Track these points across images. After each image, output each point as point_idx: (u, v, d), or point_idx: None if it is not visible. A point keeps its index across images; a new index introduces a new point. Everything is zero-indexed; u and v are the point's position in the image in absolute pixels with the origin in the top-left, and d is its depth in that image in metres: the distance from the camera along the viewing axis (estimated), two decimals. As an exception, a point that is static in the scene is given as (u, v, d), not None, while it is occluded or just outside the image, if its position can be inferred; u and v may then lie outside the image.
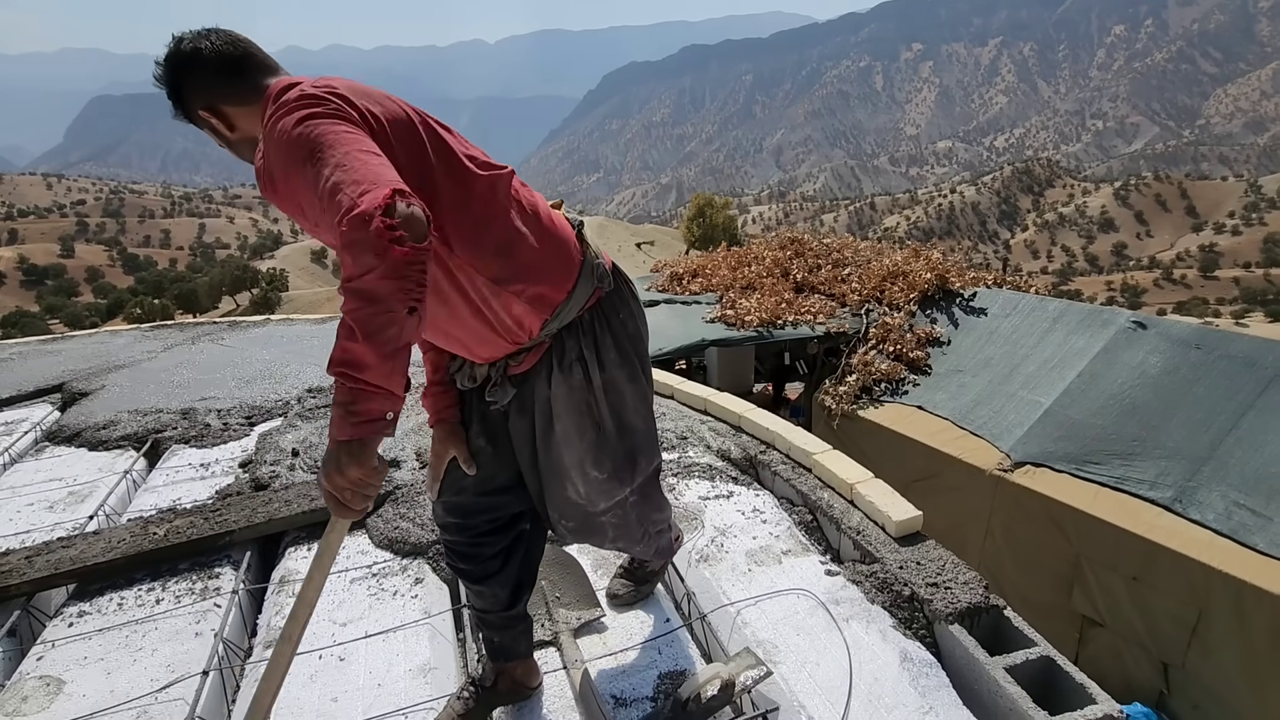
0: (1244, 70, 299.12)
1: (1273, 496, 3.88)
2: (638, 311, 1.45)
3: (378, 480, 0.98)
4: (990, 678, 1.54)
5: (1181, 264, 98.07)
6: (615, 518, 1.50)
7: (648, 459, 1.49)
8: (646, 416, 1.48)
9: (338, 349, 0.93)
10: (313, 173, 0.99)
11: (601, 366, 1.36)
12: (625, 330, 1.40)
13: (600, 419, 1.38)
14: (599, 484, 1.42)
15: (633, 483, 1.47)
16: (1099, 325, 5.41)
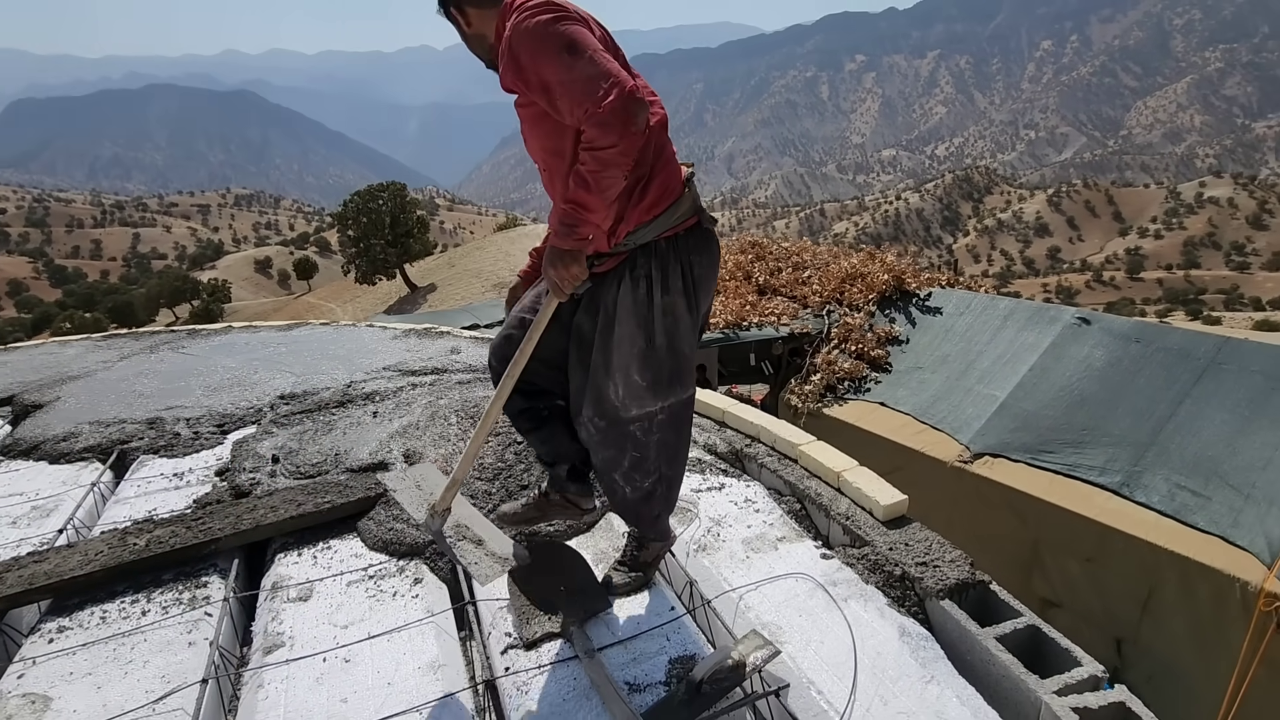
0: (1161, 84, 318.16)
1: (1210, 478, 4.14)
2: (711, 264, 1.68)
3: (583, 277, 1.49)
4: (982, 647, 1.63)
5: (1110, 266, 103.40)
6: (640, 432, 1.67)
7: (683, 386, 1.70)
8: (692, 348, 1.69)
9: (572, 191, 1.41)
10: (568, 60, 1.37)
11: (665, 290, 1.59)
12: (693, 270, 1.63)
13: (653, 333, 1.60)
14: (637, 390, 1.63)
15: (666, 400, 1.67)
16: (1046, 322, 5.68)
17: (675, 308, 1.61)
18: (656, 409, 1.67)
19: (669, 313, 1.61)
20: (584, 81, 1.35)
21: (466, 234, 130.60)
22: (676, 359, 1.64)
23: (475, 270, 44.25)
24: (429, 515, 1.65)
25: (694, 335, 1.70)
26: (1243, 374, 4.52)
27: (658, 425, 1.69)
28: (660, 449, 1.72)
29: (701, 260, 1.64)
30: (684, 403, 1.73)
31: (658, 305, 1.60)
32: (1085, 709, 1.44)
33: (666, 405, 1.68)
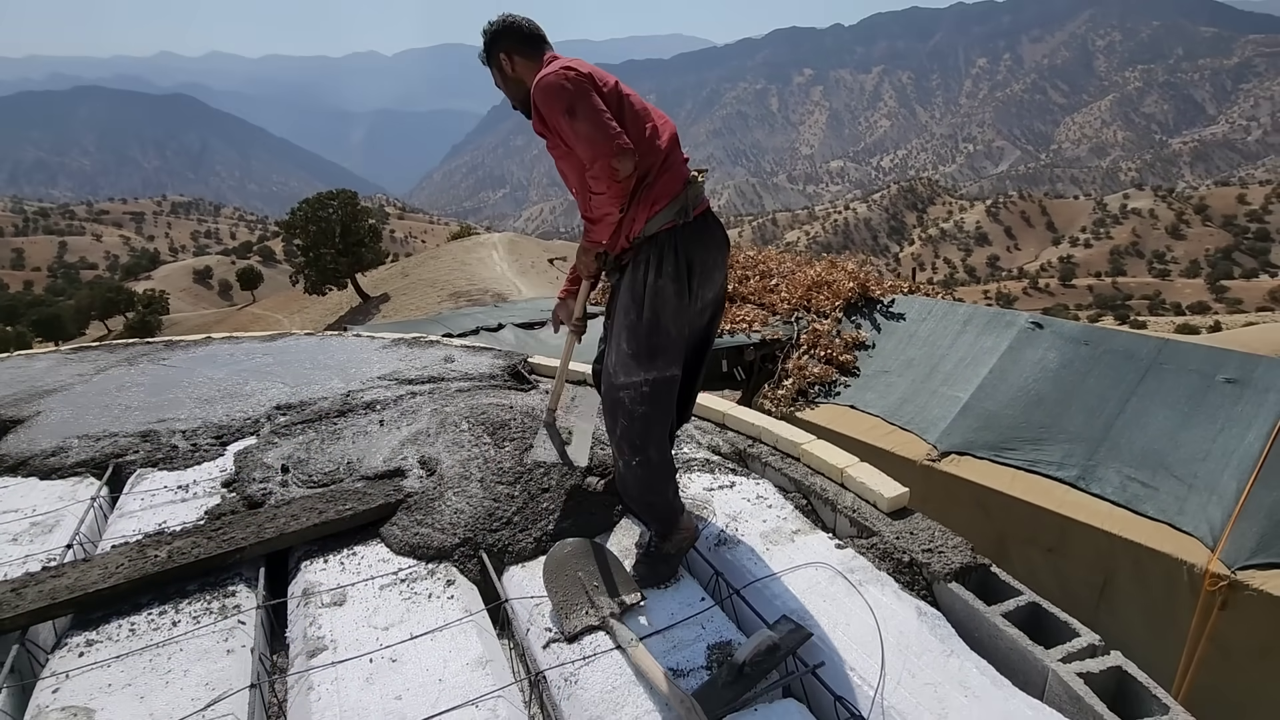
0: (1087, 101, 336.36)
1: (1157, 470, 4.46)
2: (711, 253, 1.91)
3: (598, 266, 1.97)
4: (990, 624, 1.78)
5: (1045, 274, 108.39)
6: (629, 400, 1.89)
7: (665, 362, 1.88)
8: (679, 330, 1.87)
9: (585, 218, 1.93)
10: (570, 121, 1.76)
11: (659, 273, 1.83)
12: (689, 258, 1.85)
13: (642, 309, 1.84)
14: (625, 359, 1.87)
15: (649, 373, 1.87)
16: (1003, 326, 6.00)
17: (665, 289, 1.83)
18: (641, 380, 1.87)
19: (659, 294, 1.83)
20: (583, 141, 1.75)
21: (418, 243, 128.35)
22: (659, 335, 1.84)
23: (430, 280, 43.55)
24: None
25: (682, 318, 1.87)
26: (1181, 373, 4.88)
27: (644, 398, 1.88)
28: (644, 423, 1.90)
29: (699, 249, 1.87)
30: (663, 382, 1.90)
31: (649, 285, 1.84)
32: (1088, 673, 1.59)
33: (649, 379, 1.87)
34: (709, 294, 1.95)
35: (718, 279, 1.97)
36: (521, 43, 1.97)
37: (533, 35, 1.97)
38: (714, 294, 1.98)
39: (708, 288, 1.93)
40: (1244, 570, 3.75)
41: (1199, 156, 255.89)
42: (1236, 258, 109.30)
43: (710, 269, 1.91)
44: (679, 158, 1.92)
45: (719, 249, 1.93)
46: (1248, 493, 4.11)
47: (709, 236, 1.90)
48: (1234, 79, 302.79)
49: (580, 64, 1.85)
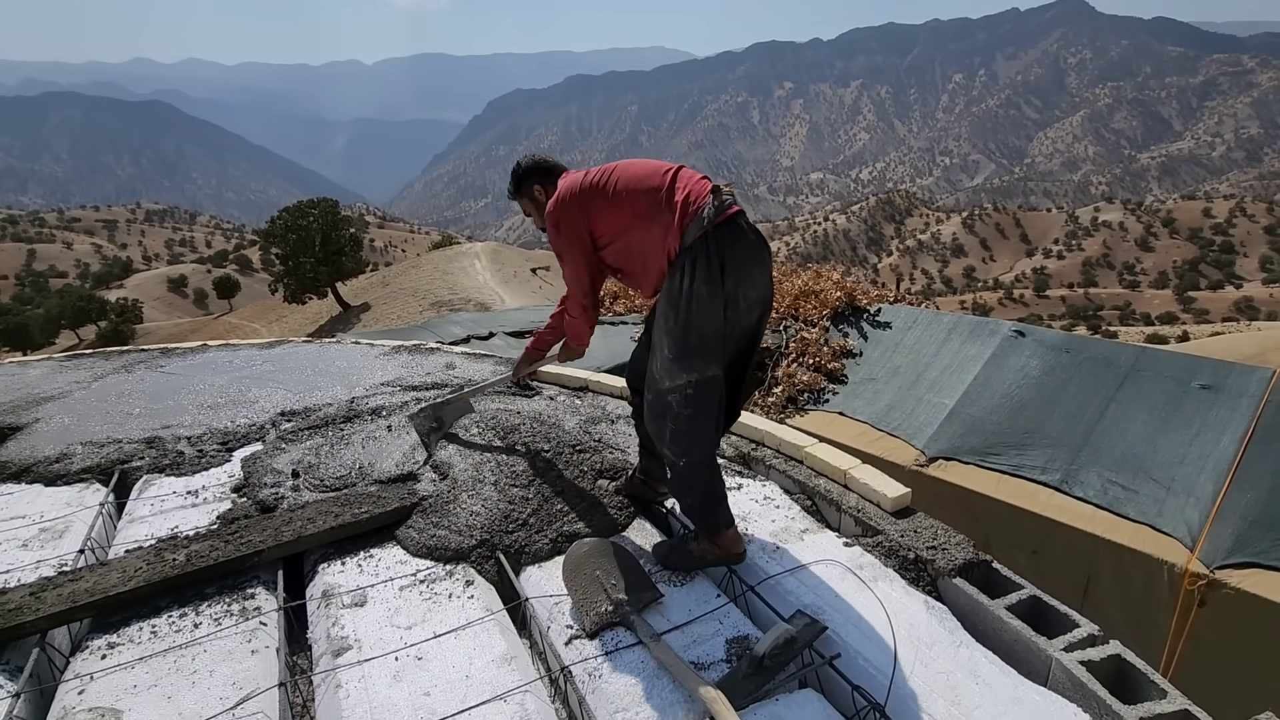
0: (1059, 116, 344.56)
1: (1136, 473, 4.59)
2: (746, 253, 1.94)
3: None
4: (995, 616, 1.85)
5: (1019, 285, 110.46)
6: (675, 404, 1.97)
7: (704, 362, 1.94)
8: (715, 331, 1.93)
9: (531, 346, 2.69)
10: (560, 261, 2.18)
11: (693, 278, 1.89)
12: (723, 260, 1.89)
13: (679, 314, 1.91)
14: (667, 363, 1.95)
15: (691, 374, 1.94)
16: (986, 334, 6.15)
17: (698, 292, 1.90)
18: (684, 382, 1.95)
19: (694, 297, 1.91)
20: (566, 281, 2.22)
21: (398, 252, 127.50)
22: (695, 336, 1.92)
23: (411, 289, 43.30)
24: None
25: (717, 318, 1.93)
26: (1158, 379, 5.05)
27: (688, 400, 1.96)
28: (690, 424, 1.98)
29: (730, 250, 1.92)
30: (706, 383, 1.97)
31: (685, 291, 1.91)
32: (1089, 662, 1.67)
33: (692, 380, 1.95)
34: (752, 293, 1.98)
35: (758, 278, 2.00)
36: (545, 176, 2.30)
37: (553, 168, 2.31)
38: (758, 294, 2.01)
39: (749, 286, 1.96)
40: (1221, 569, 3.87)
41: (1166, 171, 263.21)
42: (1203, 269, 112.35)
43: (746, 267, 1.94)
44: (691, 179, 2.02)
45: (753, 249, 1.97)
46: (1224, 494, 4.25)
47: (740, 239, 1.94)
48: (1199, 97, 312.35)
49: (570, 192, 2.10)
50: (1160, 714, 1.53)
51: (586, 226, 2.09)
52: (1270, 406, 4.55)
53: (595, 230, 2.10)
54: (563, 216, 2.10)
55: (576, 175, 2.16)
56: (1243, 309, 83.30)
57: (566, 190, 2.11)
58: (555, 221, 2.12)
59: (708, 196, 1.93)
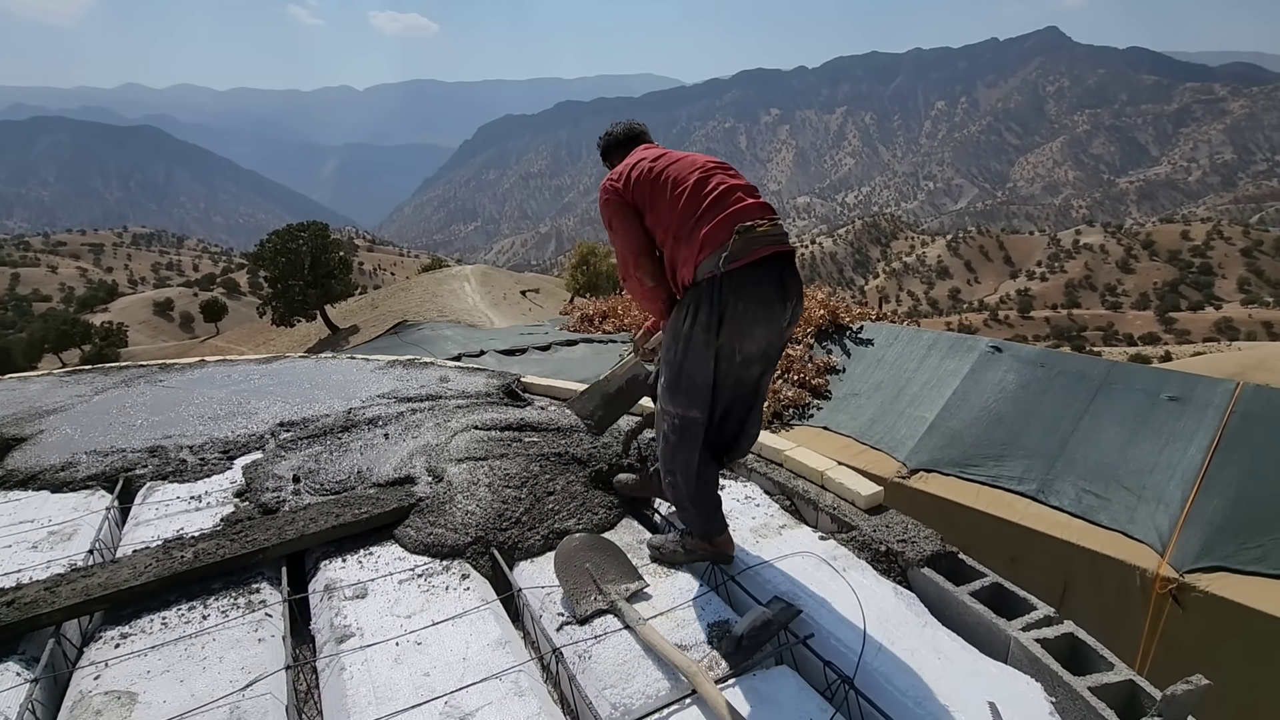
0: (1039, 142, 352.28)
1: (1109, 482, 4.75)
2: (754, 304, 1.88)
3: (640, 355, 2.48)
4: (959, 601, 1.98)
5: (1004, 306, 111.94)
6: (666, 424, 2.08)
7: (687, 402, 1.99)
8: (705, 381, 1.94)
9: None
10: (611, 235, 2.13)
11: (693, 321, 1.91)
12: (725, 309, 1.86)
13: (675, 353, 1.98)
14: (663, 389, 2.06)
15: (672, 407, 2.03)
16: (965, 350, 6.34)
17: (694, 338, 1.91)
18: (674, 412, 2.03)
19: (689, 341, 1.92)
20: (617, 257, 2.17)
21: (387, 275, 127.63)
22: (685, 379, 1.96)
23: (400, 311, 43.35)
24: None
25: (708, 367, 1.91)
26: (1129, 392, 5.24)
27: (674, 429, 2.04)
28: (673, 450, 2.06)
29: (742, 302, 1.85)
30: (688, 421, 2.00)
31: (682, 331, 1.95)
32: (1045, 639, 1.80)
33: (675, 414, 2.01)
34: (750, 348, 1.91)
35: (759, 334, 1.91)
36: (617, 148, 2.32)
37: (623, 140, 2.33)
38: (757, 349, 1.93)
39: (747, 342, 1.90)
40: (1191, 573, 4.01)
41: (1144, 195, 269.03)
42: (1183, 291, 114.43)
43: (748, 324, 1.87)
44: (731, 206, 1.92)
45: (761, 304, 1.87)
46: (1192, 501, 4.41)
47: (750, 291, 1.85)
48: (1174, 123, 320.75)
49: (625, 172, 2.09)
50: (1107, 683, 1.65)
51: (640, 206, 2.05)
52: (1234, 417, 4.74)
53: (646, 221, 2.05)
54: (612, 191, 2.08)
55: (643, 155, 2.12)
56: (1223, 329, 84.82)
57: (624, 169, 2.10)
58: (604, 195, 2.11)
59: (733, 234, 1.83)
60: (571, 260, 48.10)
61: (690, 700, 1.61)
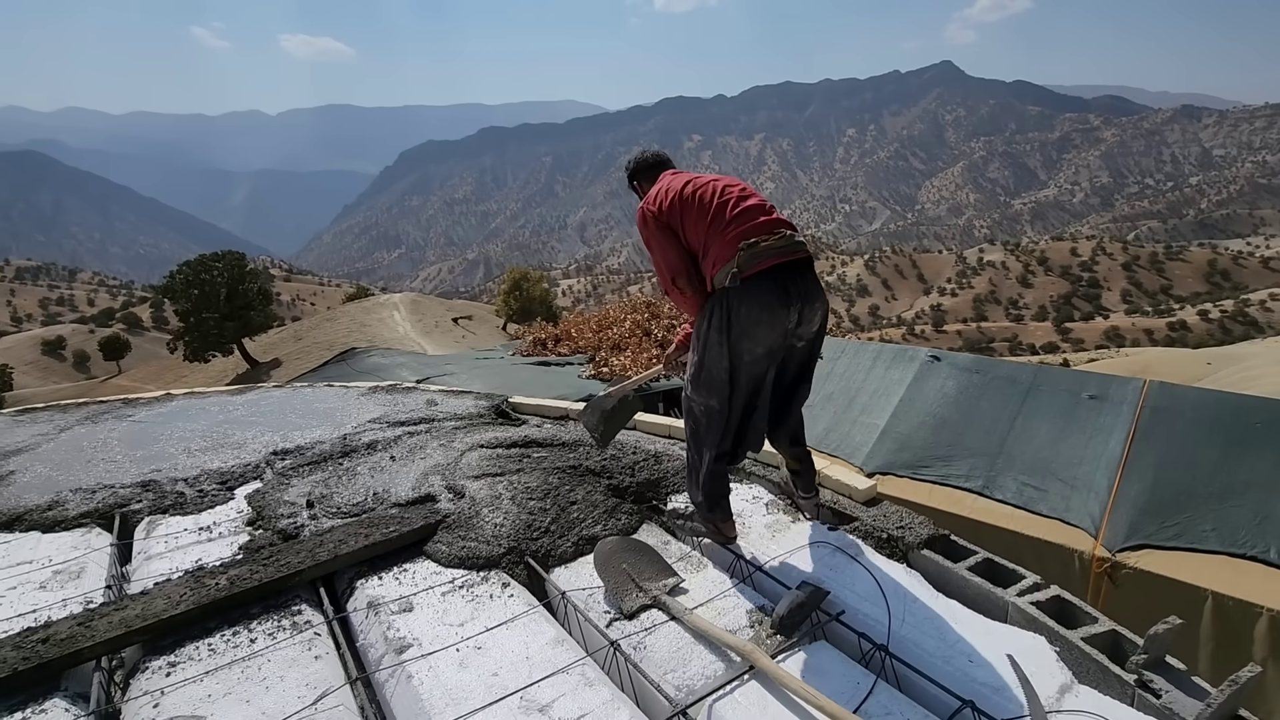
0: (942, 167, 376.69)
1: (1045, 475, 5.21)
2: (757, 311, 2.12)
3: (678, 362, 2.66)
4: (960, 576, 2.23)
5: (920, 321, 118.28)
6: (694, 409, 2.32)
7: (707, 393, 2.25)
8: (722, 370, 2.19)
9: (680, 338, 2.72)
10: (650, 252, 2.34)
11: (709, 325, 2.20)
12: (732, 314, 2.14)
13: (698, 351, 2.25)
14: (689, 380, 2.31)
15: (697, 395, 2.28)
16: (907, 360, 6.80)
17: (711, 339, 2.20)
18: (697, 400, 2.30)
19: (706, 341, 2.22)
20: (657, 272, 2.37)
21: (307, 306, 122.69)
22: (703, 372, 2.25)
23: (327, 342, 41.73)
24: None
25: (724, 361, 2.17)
26: (1055, 393, 5.77)
27: (700, 413, 2.31)
28: (701, 436, 2.33)
29: (745, 307, 2.11)
30: (710, 410, 2.27)
31: (703, 333, 2.24)
32: (1038, 602, 2.06)
33: (700, 402, 2.28)
34: (758, 349, 2.14)
35: (760, 335, 2.12)
36: (645, 172, 2.57)
37: (652, 165, 2.57)
38: (763, 349, 2.15)
39: (753, 343, 2.13)
40: (1121, 552, 4.46)
41: (1037, 215, 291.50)
42: (1075, 303, 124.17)
43: (749, 325, 2.11)
44: (743, 224, 2.16)
45: (764, 309, 2.09)
46: (1116, 488, 4.90)
47: (757, 296, 2.09)
48: (1057, 150, 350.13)
49: (660, 195, 2.32)
50: (1095, 634, 1.92)
51: (674, 226, 2.27)
52: (1144, 411, 5.30)
53: (684, 237, 2.27)
54: (650, 213, 2.31)
55: (672, 181, 2.34)
56: (1111, 337, 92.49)
57: (659, 194, 2.33)
58: (642, 218, 2.34)
59: (740, 250, 2.10)
60: (503, 286, 47.74)
61: (749, 676, 1.76)
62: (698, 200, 2.24)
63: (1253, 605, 3.76)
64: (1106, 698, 1.69)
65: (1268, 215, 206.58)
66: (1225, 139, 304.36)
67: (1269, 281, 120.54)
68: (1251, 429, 4.74)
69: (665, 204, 2.28)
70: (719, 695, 1.71)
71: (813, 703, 1.57)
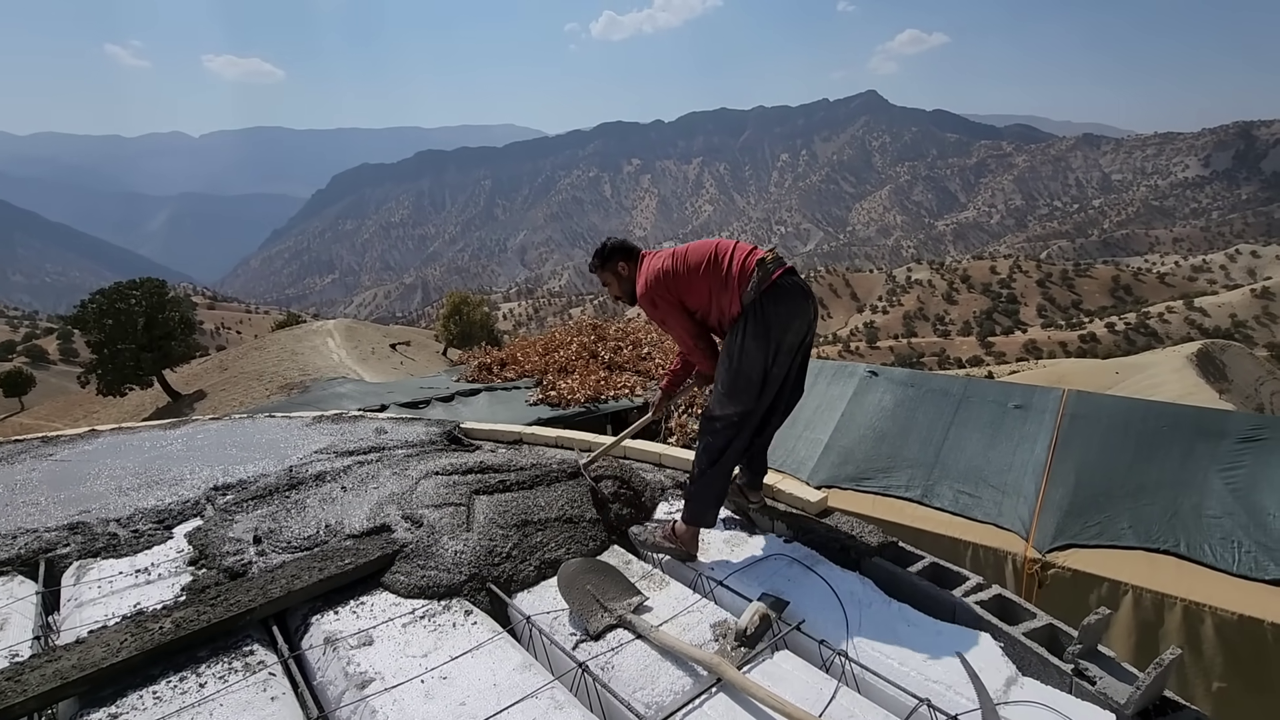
0: (870, 190, 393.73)
1: (978, 482, 5.48)
2: (790, 309, 2.44)
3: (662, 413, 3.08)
4: (909, 580, 2.34)
5: (854, 338, 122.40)
6: (720, 426, 2.49)
7: (747, 398, 2.46)
8: (759, 374, 2.43)
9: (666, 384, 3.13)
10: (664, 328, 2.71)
11: (744, 335, 2.43)
12: (767, 316, 2.42)
13: (732, 362, 2.46)
14: (719, 396, 2.51)
15: (732, 408, 2.46)
16: (846, 376, 7.05)
17: (747, 344, 2.44)
18: (730, 412, 2.47)
19: (744, 350, 2.44)
20: (675, 339, 2.75)
21: (233, 334, 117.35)
22: (740, 378, 2.45)
23: (256, 372, 39.92)
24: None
25: (763, 363, 2.43)
26: (984, 404, 6.09)
27: (729, 426, 2.49)
28: (717, 446, 2.51)
29: (779, 307, 2.43)
30: (744, 415, 2.48)
31: (738, 344, 2.45)
32: (981, 601, 2.18)
33: (734, 413, 2.46)
34: (792, 339, 2.46)
35: (797, 325, 2.46)
36: (627, 255, 2.79)
37: (633, 249, 2.82)
38: (797, 338, 2.48)
39: (790, 334, 2.45)
40: (1050, 552, 4.72)
41: (959, 235, 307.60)
42: (996, 318, 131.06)
43: (787, 319, 2.44)
44: (744, 254, 2.53)
45: (794, 304, 2.45)
46: (1043, 492, 5.19)
47: (783, 299, 2.44)
48: (975, 174, 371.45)
49: (658, 276, 2.61)
50: (1034, 628, 2.05)
51: (679, 298, 2.59)
52: (1065, 419, 5.65)
53: (687, 303, 2.60)
54: (657, 295, 2.61)
55: (656, 260, 2.68)
56: (1030, 350, 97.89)
57: (653, 274, 2.62)
58: (652, 299, 2.62)
59: (754, 269, 2.45)
60: (443, 311, 46.88)
61: (717, 688, 1.80)
62: (695, 264, 2.56)
63: (1167, 596, 4.04)
64: (1048, 687, 1.81)
65: (1161, 235, 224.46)
66: (1122, 165, 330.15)
67: (1165, 295, 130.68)
68: (1160, 432, 5.12)
69: (666, 278, 2.58)
70: (688, 710, 1.74)
71: (780, 710, 1.62)
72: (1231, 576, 4.15)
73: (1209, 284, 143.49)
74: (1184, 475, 4.82)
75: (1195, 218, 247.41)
